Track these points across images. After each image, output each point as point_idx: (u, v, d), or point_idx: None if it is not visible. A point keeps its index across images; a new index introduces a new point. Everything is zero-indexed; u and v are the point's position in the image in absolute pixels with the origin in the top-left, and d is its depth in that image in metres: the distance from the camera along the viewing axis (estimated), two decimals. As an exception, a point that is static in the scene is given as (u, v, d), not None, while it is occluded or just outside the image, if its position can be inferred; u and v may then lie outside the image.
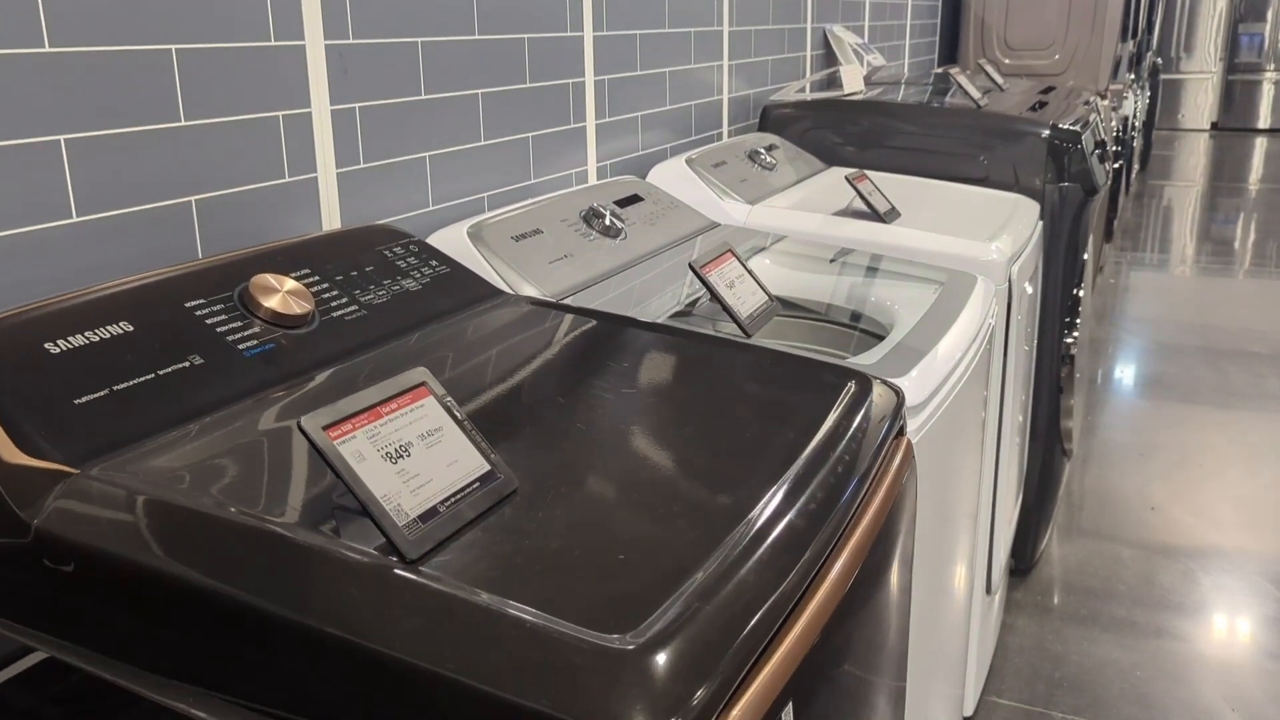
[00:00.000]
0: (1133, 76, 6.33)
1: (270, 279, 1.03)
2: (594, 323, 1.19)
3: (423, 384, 0.81)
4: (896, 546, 1.03)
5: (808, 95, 2.80)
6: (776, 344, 1.31)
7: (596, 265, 1.53)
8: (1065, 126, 2.50)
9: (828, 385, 1.09)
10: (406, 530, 0.71)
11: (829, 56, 3.40)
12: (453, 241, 1.42)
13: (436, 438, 0.78)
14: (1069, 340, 2.67)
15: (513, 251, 1.44)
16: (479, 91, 1.68)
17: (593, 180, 2.04)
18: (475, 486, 0.78)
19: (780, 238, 1.90)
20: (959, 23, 5.11)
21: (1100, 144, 2.76)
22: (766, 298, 1.42)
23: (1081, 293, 2.69)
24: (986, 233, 1.98)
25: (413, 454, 0.76)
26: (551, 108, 1.87)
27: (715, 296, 1.32)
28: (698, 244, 1.78)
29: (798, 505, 0.84)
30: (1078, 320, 2.66)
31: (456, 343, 1.09)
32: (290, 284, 1.04)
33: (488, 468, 0.81)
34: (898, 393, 1.13)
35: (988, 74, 3.20)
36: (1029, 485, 2.74)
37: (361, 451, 0.72)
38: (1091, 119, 2.84)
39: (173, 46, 1.14)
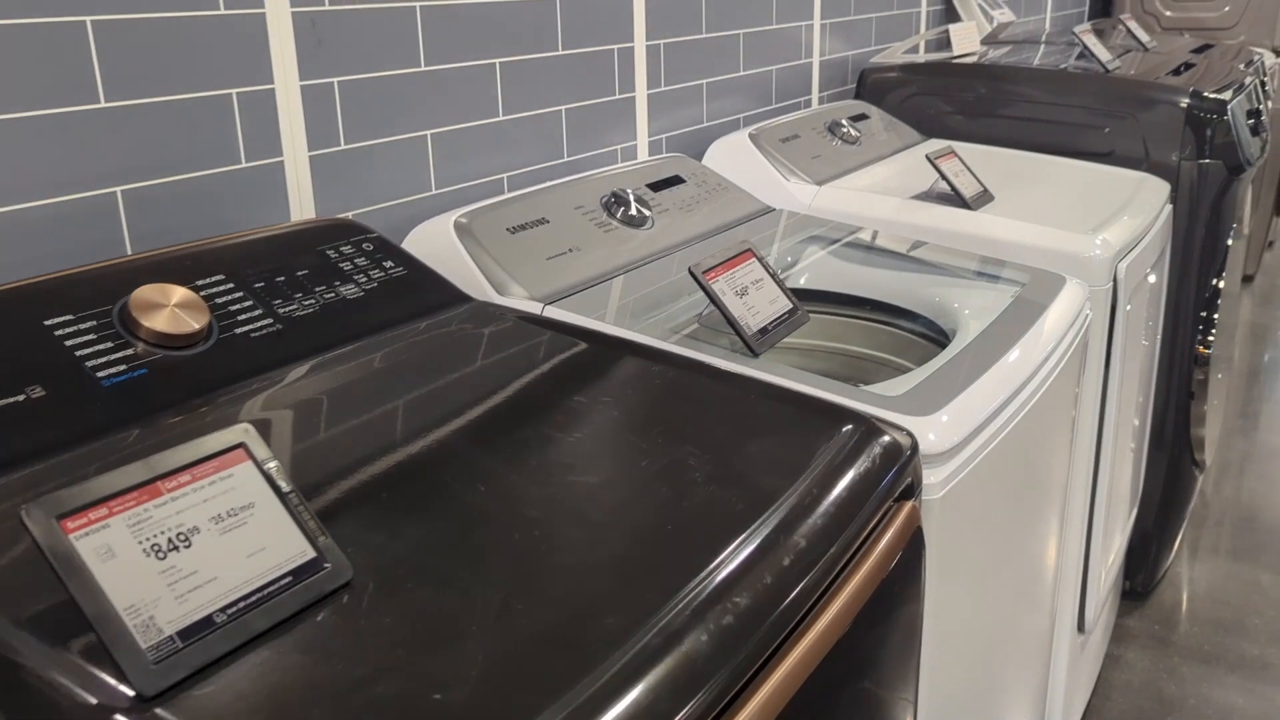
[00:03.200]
0: (1321, 29, 5.65)
1: (155, 290, 0.89)
2: (551, 340, 1.02)
3: (239, 446, 0.65)
4: (887, 632, 0.83)
5: (909, 57, 2.52)
6: (798, 364, 1.11)
7: (607, 261, 1.35)
8: (1209, 94, 2.16)
9: (820, 432, 0.88)
10: (150, 654, 0.55)
11: (949, 12, 3.09)
12: (435, 235, 1.27)
13: (241, 518, 0.63)
14: (1206, 339, 2.34)
15: (505, 246, 1.27)
16: (496, 61, 1.50)
17: (643, 157, 1.85)
18: (286, 582, 0.63)
19: (851, 230, 1.67)
20: (1115, -29, 4.63)
21: (1254, 113, 2.39)
22: (790, 306, 1.21)
23: (1223, 284, 2.34)
24: (1093, 221, 1.70)
25: (196, 543, 0.60)
26: (591, 77, 1.69)
27: (718, 306, 1.12)
28: (729, 237, 1.57)
29: (717, 615, 0.65)
30: (1215, 316, 2.32)
31: (369, 369, 0.93)
32: (180, 294, 0.90)
33: (312, 554, 0.65)
34: (910, 444, 0.91)
35: (1129, 30, 2.84)
36: (1149, 498, 2.43)
37: (111, 546, 0.57)
38: (1247, 83, 2.46)
39: (88, 18, 1.01)
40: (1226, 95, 2.19)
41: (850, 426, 0.90)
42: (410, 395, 0.89)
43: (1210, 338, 2.35)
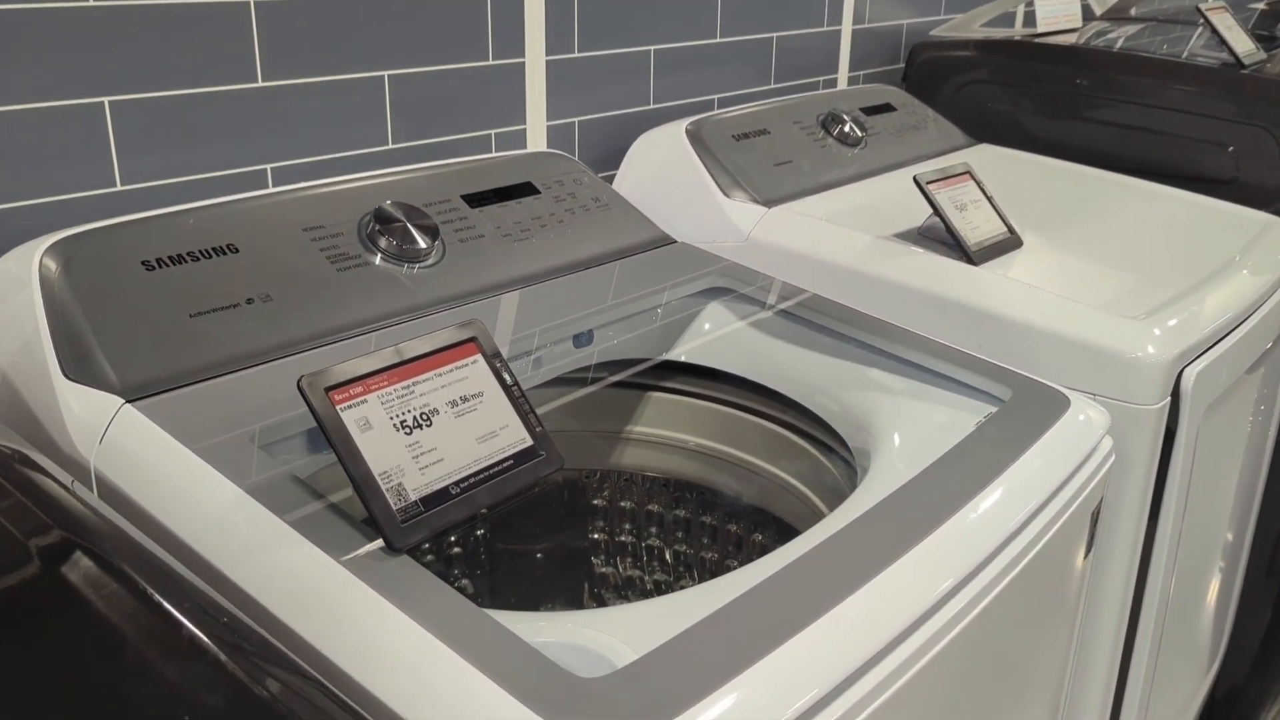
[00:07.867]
0: None
1: None
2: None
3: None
4: None
5: (985, 31, 1.92)
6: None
7: (321, 319, 0.87)
8: (1387, 107, 1.51)
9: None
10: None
11: (1064, -23, 2.44)
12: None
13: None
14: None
15: (129, 294, 0.81)
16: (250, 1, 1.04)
17: (535, 147, 1.35)
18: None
19: (773, 285, 1.14)
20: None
21: None
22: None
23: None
24: (1161, 295, 1.12)
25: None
26: (439, 34, 1.19)
27: (353, 481, 0.63)
28: (568, 283, 1.05)
29: None
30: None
31: None
32: None
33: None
34: None
35: (1299, 13, 2.15)
36: (1245, 639, 1.82)
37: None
38: None
39: None
40: None
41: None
42: None
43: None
